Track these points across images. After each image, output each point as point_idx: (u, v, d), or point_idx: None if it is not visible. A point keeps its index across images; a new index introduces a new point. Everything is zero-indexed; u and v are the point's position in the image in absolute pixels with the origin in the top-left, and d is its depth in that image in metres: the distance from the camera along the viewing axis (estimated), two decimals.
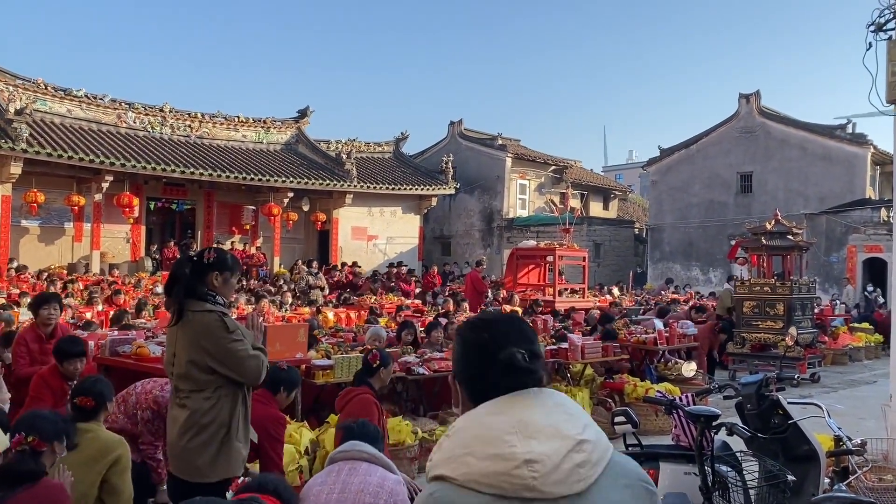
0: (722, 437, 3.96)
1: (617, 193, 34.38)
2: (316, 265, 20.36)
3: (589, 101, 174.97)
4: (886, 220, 21.06)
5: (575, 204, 28.71)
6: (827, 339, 14.19)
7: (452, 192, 25.81)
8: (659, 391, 6.85)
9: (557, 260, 16.33)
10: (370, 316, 12.65)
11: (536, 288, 16.52)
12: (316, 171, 22.44)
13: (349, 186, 22.28)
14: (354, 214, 23.79)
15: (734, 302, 12.70)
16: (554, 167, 29.74)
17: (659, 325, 10.72)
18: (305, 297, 16.74)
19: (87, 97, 19.97)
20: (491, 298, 15.42)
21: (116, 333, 7.37)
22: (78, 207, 18.19)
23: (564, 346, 8.72)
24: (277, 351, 5.92)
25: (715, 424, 3.69)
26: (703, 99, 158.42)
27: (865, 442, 4.10)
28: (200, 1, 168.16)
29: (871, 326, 16.39)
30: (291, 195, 21.25)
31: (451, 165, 25.46)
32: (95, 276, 17.38)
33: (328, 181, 21.95)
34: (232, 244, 20.74)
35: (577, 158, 33.52)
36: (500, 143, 28.35)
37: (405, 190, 24.26)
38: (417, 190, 24.68)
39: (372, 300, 16.18)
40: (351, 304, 15.58)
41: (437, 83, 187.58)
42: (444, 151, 27.46)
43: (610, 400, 8.35)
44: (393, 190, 23.86)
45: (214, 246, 10.53)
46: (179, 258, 4.24)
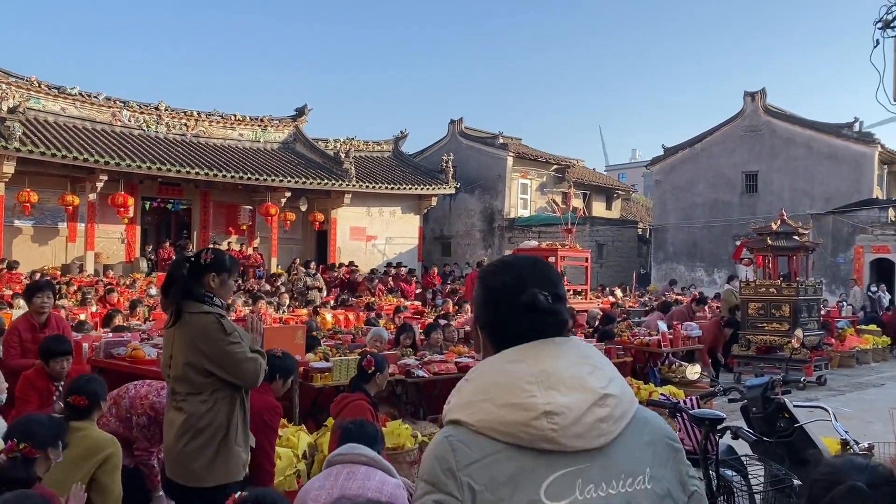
0: (727, 440, 3.96)
1: (620, 193, 34.15)
2: (314, 266, 20.20)
3: (591, 99, 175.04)
4: (894, 220, 20.92)
5: (577, 204, 28.57)
6: (833, 341, 14.07)
7: (453, 191, 25.65)
8: (663, 394, 6.84)
9: (559, 261, 16.16)
10: (371, 316, 12.62)
11: None
12: (314, 170, 22.30)
13: (348, 186, 22.14)
14: (353, 214, 23.64)
15: (738, 300, 12.61)
16: (556, 166, 29.51)
17: (663, 327, 10.60)
18: (303, 297, 16.64)
19: (81, 95, 19.91)
20: None
21: (111, 335, 7.34)
22: (72, 207, 18.26)
23: None
24: None
25: (720, 428, 3.72)
26: (707, 97, 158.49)
27: (873, 446, 3.99)
28: None
29: (878, 328, 16.23)
30: (289, 195, 21.16)
31: (451, 164, 25.31)
32: (90, 276, 17.32)
33: (326, 181, 21.81)
34: (228, 245, 20.62)
35: (579, 157, 33.41)
36: (501, 141, 28.15)
37: (404, 189, 24.09)
38: (417, 189, 24.52)
39: (370, 300, 16.03)
40: (349, 305, 15.43)
41: (437, 81, 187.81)
42: (444, 150, 27.32)
43: None
44: (392, 189, 23.69)
45: (212, 246, 10.33)
46: (176, 259, 4.37)
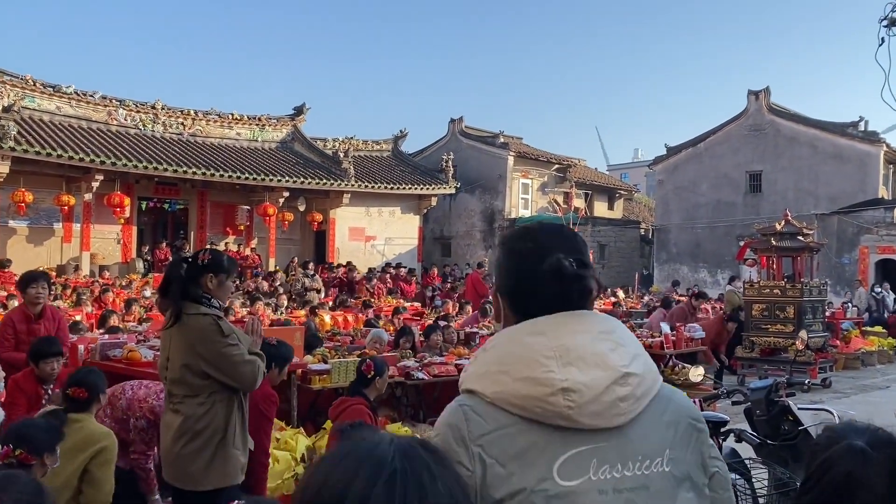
0: (730, 443, 3.97)
1: (622, 193, 33.93)
2: (312, 266, 20.04)
3: (593, 98, 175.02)
4: None
5: (579, 204, 28.42)
6: (838, 342, 13.90)
7: (453, 191, 25.46)
8: None
9: None
10: (370, 317, 12.55)
11: None
12: (312, 169, 22.14)
13: (346, 186, 21.98)
14: (352, 214, 23.46)
15: (741, 300, 12.51)
16: (557, 166, 29.30)
17: (665, 328, 10.43)
18: (301, 299, 16.50)
19: (76, 94, 19.78)
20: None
21: (107, 337, 7.34)
22: (67, 207, 18.15)
23: None
24: None
25: (723, 431, 3.71)
26: (710, 96, 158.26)
27: None
28: None
29: (883, 330, 16.07)
30: (287, 195, 21.02)
31: (451, 164, 25.11)
32: (86, 277, 17.23)
33: (325, 180, 21.65)
34: (226, 245, 20.51)
35: (581, 157, 33.17)
36: (501, 141, 27.93)
37: (404, 189, 23.91)
38: (417, 189, 24.34)
39: (367, 298, 15.92)
40: (348, 306, 15.28)
41: (437, 80, 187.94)
42: (444, 150, 27.08)
43: None
44: (391, 189, 23.51)
45: (209, 247, 10.13)
46: (174, 259, 4.43)
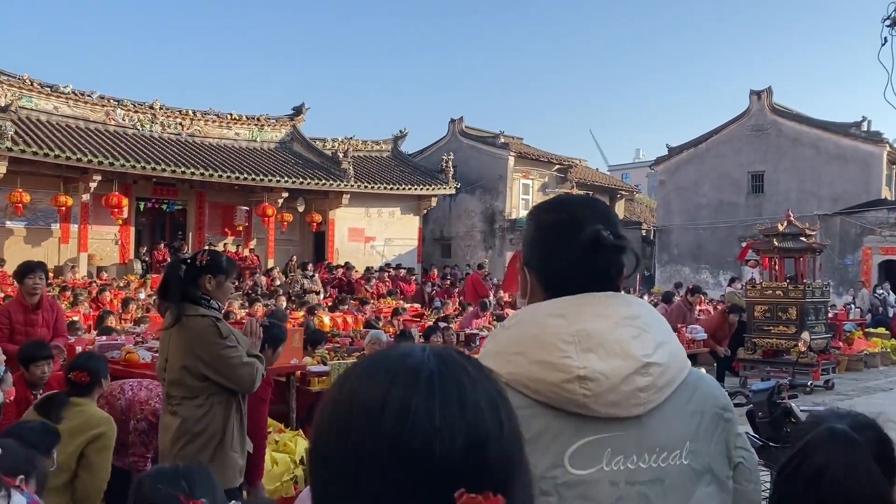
0: None
1: (623, 193, 33.81)
2: (311, 267, 19.95)
3: (594, 98, 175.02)
4: None
5: None
6: (841, 344, 13.76)
7: (453, 192, 25.32)
8: None
9: None
10: (370, 318, 12.55)
11: None
12: (311, 170, 22.02)
13: (346, 186, 21.86)
14: (351, 215, 23.34)
15: (741, 302, 12.38)
16: (558, 166, 29.19)
17: None
18: (300, 300, 16.41)
19: (74, 94, 19.68)
20: (493, 302, 15.02)
21: (105, 339, 7.33)
22: (65, 208, 18.09)
23: None
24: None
25: None
26: (712, 96, 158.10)
27: None
28: None
29: (886, 331, 15.98)
30: (286, 195, 20.89)
31: (451, 164, 24.96)
32: (83, 278, 17.17)
33: (324, 181, 21.54)
34: (224, 246, 20.35)
35: (581, 157, 33.05)
36: (502, 141, 27.82)
37: (404, 190, 23.79)
38: (417, 190, 24.21)
39: (364, 297, 15.87)
40: (345, 306, 15.19)
41: (437, 80, 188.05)
42: (444, 150, 26.95)
43: None
44: (391, 190, 23.39)
45: (208, 248, 10.01)
46: (172, 261, 4.42)
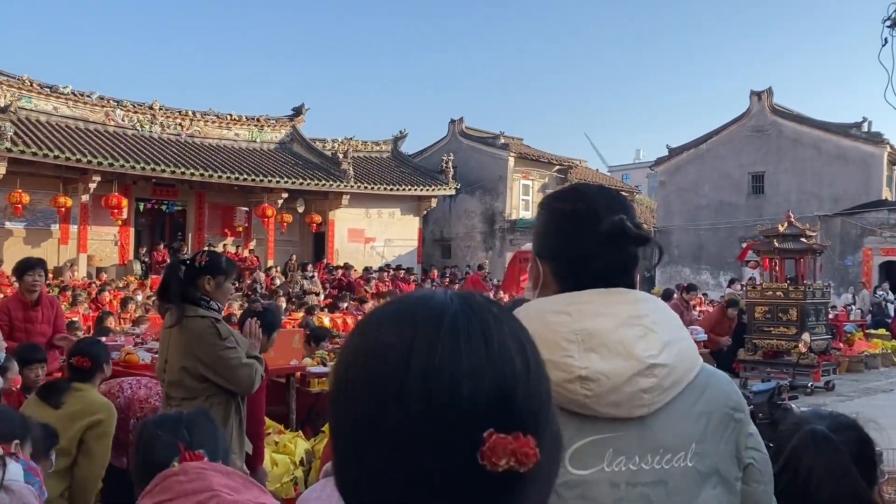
0: None
1: (623, 194, 33.71)
2: (311, 268, 19.93)
3: (594, 99, 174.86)
4: None
5: None
6: (842, 345, 13.69)
7: (453, 192, 25.30)
8: None
9: None
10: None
11: None
12: (311, 170, 22.01)
13: (346, 187, 21.84)
14: (351, 216, 23.32)
15: (741, 303, 12.26)
16: (558, 167, 29.14)
17: None
18: (300, 301, 16.38)
19: (73, 94, 19.69)
20: None
21: (104, 340, 7.13)
22: (64, 209, 18.11)
23: None
24: (272, 358, 5.79)
25: None
26: (712, 96, 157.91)
27: (882, 453, 3.65)
28: None
29: (887, 332, 15.89)
30: (286, 196, 20.88)
31: (451, 165, 24.93)
32: (83, 279, 17.19)
33: (324, 181, 21.53)
34: (224, 247, 20.36)
35: (582, 158, 32.99)
36: (502, 141, 27.79)
37: (404, 190, 23.77)
38: (416, 190, 24.20)
39: (362, 296, 15.85)
40: (346, 305, 15.17)
41: (437, 81, 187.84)
42: (444, 151, 26.91)
43: None
44: (391, 190, 23.37)
45: (207, 249, 9.96)
46: (171, 262, 4.40)
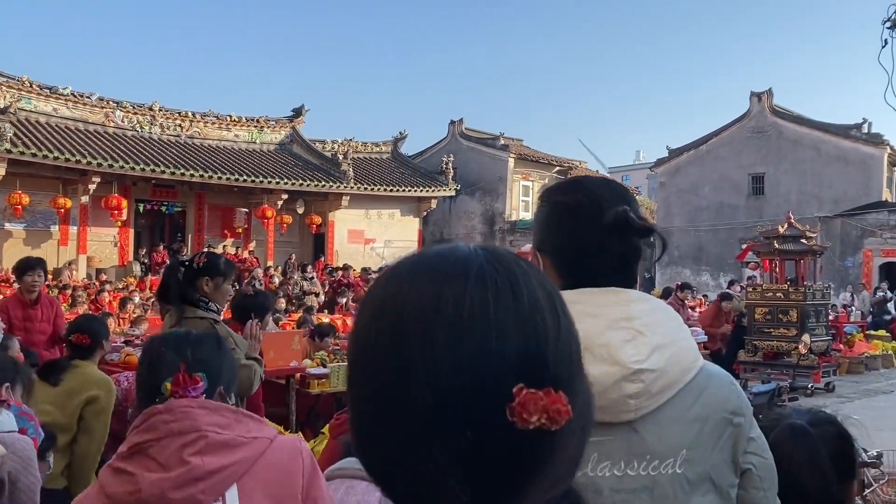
0: None
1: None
2: (311, 269, 19.88)
3: (594, 100, 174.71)
4: None
5: None
6: (842, 346, 13.68)
7: (453, 193, 25.28)
8: None
9: None
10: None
11: None
12: (311, 172, 21.99)
13: (345, 188, 21.81)
14: (351, 217, 23.28)
15: (741, 305, 12.23)
16: (558, 168, 29.10)
17: None
18: (300, 302, 16.36)
19: (73, 95, 19.68)
20: None
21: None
22: (64, 210, 18.07)
23: None
24: (272, 359, 5.91)
25: None
26: (713, 97, 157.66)
27: (882, 454, 3.78)
28: None
29: (887, 333, 15.87)
30: (286, 197, 20.85)
31: (451, 166, 24.92)
32: (83, 280, 17.14)
33: (324, 182, 21.51)
34: (224, 248, 20.36)
35: (582, 159, 32.94)
36: (502, 143, 27.77)
37: (404, 191, 23.74)
38: (416, 191, 24.16)
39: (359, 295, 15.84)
40: (344, 300, 15.17)
41: (436, 81, 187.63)
42: (444, 152, 26.88)
43: None
44: (391, 191, 23.34)
45: (206, 250, 9.92)
46: (170, 263, 4.40)
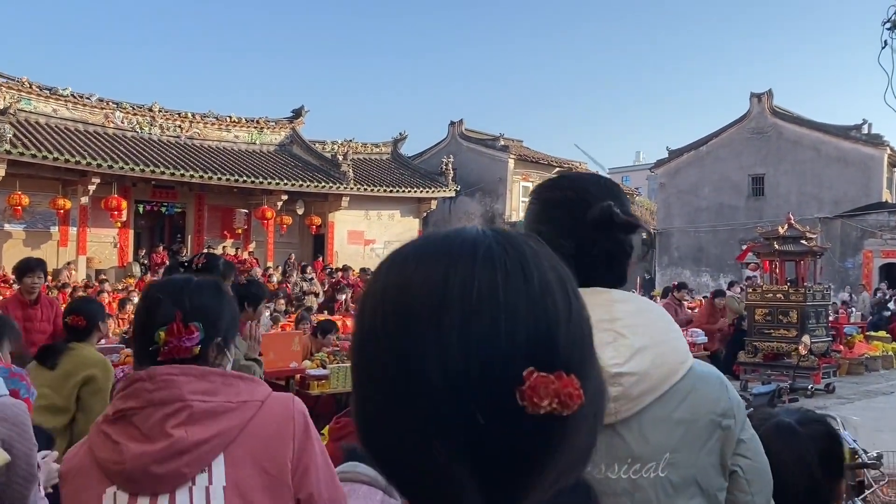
0: None
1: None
2: (311, 270, 19.86)
3: (594, 100, 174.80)
4: None
5: None
6: (842, 347, 13.65)
7: (453, 194, 25.28)
8: None
9: None
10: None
11: None
12: (311, 172, 21.97)
13: (345, 189, 21.79)
14: (351, 218, 23.26)
15: (741, 306, 12.25)
16: (558, 169, 29.06)
17: None
18: (300, 303, 16.35)
19: (73, 96, 19.66)
20: None
21: (104, 342, 7.11)
22: (64, 211, 18.04)
23: None
24: (271, 360, 5.88)
25: None
26: (713, 98, 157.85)
27: (882, 455, 3.74)
28: None
29: (887, 334, 15.82)
30: (285, 198, 20.82)
31: (451, 167, 24.92)
32: (83, 281, 17.10)
33: (323, 183, 21.48)
34: (223, 249, 20.32)
35: (581, 160, 32.98)
36: (502, 143, 27.82)
37: (404, 192, 23.72)
38: (416, 192, 24.14)
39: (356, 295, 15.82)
40: (344, 302, 15.14)
41: (437, 82, 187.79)
42: (444, 152, 26.97)
43: None
44: (391, 192, 23.32)
45: (206, 251, 9.93)
46: (170, 264, 4.21)
